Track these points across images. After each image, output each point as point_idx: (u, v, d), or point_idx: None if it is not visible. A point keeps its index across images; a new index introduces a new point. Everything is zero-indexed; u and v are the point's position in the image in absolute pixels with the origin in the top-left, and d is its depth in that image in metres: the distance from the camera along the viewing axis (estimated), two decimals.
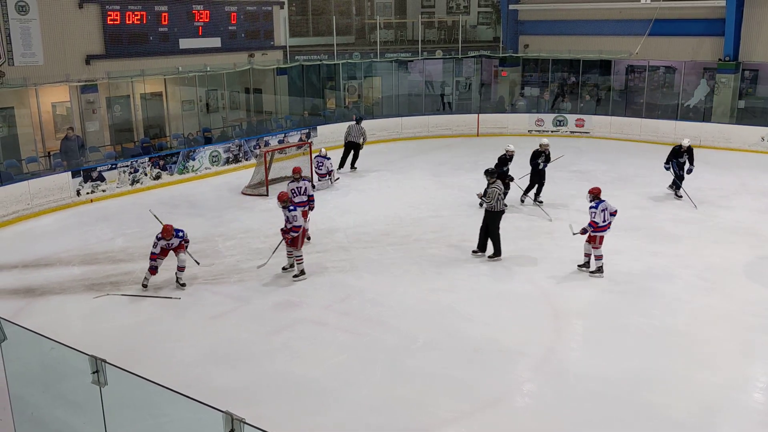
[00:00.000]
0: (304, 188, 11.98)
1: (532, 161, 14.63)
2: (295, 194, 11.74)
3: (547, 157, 14.62)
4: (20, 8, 15.52)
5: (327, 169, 16.57)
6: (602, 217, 10.59)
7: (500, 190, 11.37)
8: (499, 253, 11.43)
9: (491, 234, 11.44)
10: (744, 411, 7.25)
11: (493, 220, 11.40)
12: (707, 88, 21.62)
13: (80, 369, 5.24)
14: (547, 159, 14.63)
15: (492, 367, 8.08)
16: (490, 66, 25.51)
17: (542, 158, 14.53)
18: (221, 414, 4.15)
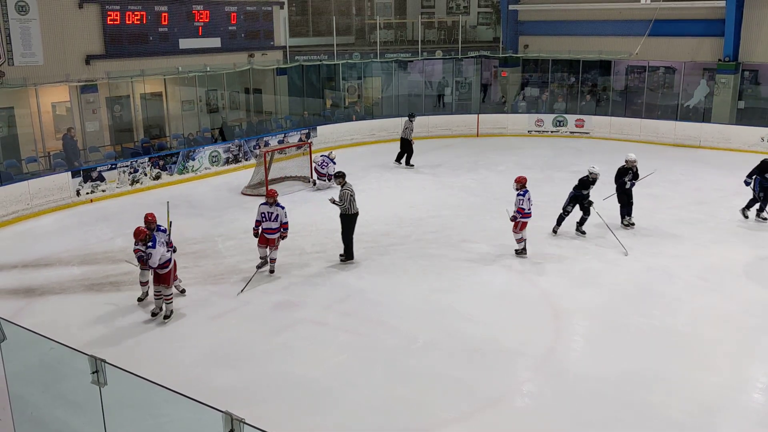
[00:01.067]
0: (275, 215, 10.57)
1: (617, 180, 13.07)
2: (264, 218, 10.59)
3: (635, 174, 13.01)
4: (20, 8, 15.52)
5: (330, 172, 16.46)
6: (528, 204, 11.42)
7: (351, 191, 11.13)
8: (351, 257, 11.31)
9: (344, 237, 11.27)
10: (743, 411, 7.25)
11: (347, 223, 11.22)
12: (707, 89, 21.63)
13: (80, 369, 5.23)
14: (635, 176, 13.01)
15: (492, 367, 8.08)
16: (490, 66, 25.52)
17: (629, 176, 12.94)
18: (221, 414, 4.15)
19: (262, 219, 10.65)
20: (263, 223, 10.64)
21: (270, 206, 10.60)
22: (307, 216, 14.15)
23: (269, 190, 10.94)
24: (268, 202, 10.59)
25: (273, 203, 10.59)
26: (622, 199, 13.03)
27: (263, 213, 10.64)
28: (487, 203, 14.88)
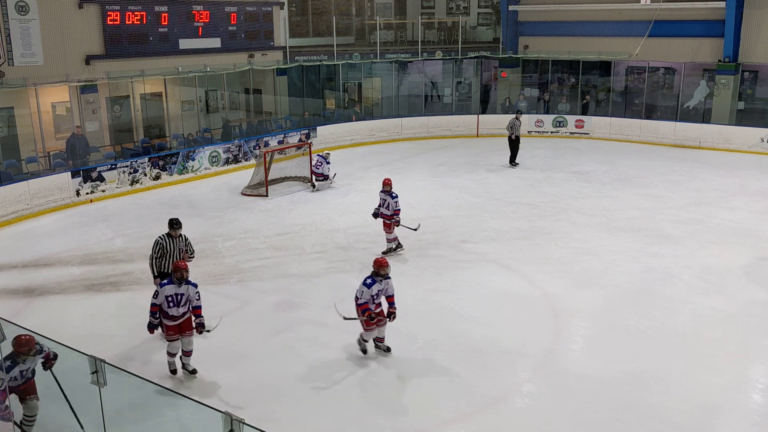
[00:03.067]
0: (185, 297, 7.74)
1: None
2: (171, 304, 7.70)
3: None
4: (20, 8, 15.52)
5: (324, 172, 16.48)
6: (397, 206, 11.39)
7: None
8: None
9: None
10: (743, 412, 7.25)
11: None
12: (707, 89, 21.63)
13: (80, 369, 5.23)
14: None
15: (492, 367, 8.07)
16: (490, 67, 25.52)
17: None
18: (221, 414, 4.15)
19: (166, 303, 7.66)
20: (169, 308, 7.68)
21: (178, 285, 7.66)
22: (307, 216, 14.16)
23: (177, 263, 7.77)
24: (176, 277, 7.62)
25: (182, 280, 7.64)
26: None
27: (169, 297, 7.66)
28: (487, 204, 14.88)
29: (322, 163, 16.51)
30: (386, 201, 11.48)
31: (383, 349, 8.37)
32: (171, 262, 8.42)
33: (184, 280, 7.65)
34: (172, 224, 8.73)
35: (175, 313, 7.71)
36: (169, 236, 8.69)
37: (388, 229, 11.63)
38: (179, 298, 7.67)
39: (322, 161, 16.53)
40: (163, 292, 7.65)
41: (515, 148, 18.33)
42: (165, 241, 8.67)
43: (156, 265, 8.69)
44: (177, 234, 8.73)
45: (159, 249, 8.64)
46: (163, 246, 8.64)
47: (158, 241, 8.69)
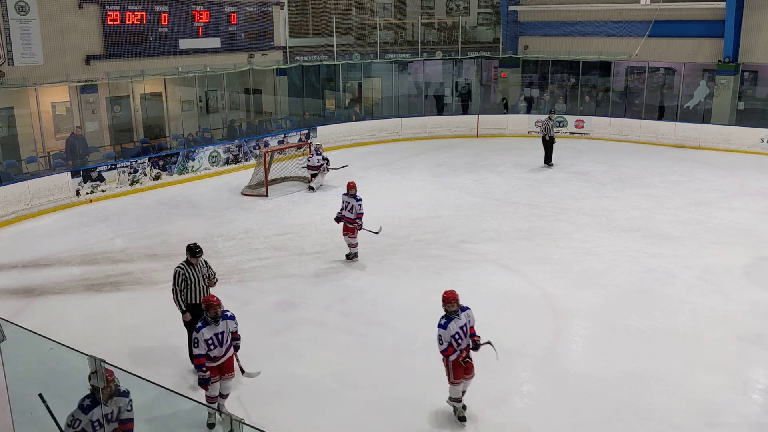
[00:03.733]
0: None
1: None
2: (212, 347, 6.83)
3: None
4: (20, 8, 15.52)
5: (315, 164, 16.18)
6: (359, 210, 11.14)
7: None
8: None
9: None
10: (743, 412, 7.25)
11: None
12: (707, 90, 21.63)
13: (79, 369, 5.22)
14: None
15: (492, 367, 8.06)
16: (490, 67, 25.52)
17: None
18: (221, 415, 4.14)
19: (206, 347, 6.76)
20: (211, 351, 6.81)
21: (215, 324, 6.83)
22: (307, 216, 14.15)
23: (207, 300, 6.89)
24: (211, 316, 6.81)
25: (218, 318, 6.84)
26: None
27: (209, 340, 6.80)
28: (487, 204, 14.88)
29: (313, 155, 16.38)
30: (350, 204, 11.09)
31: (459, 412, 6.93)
32: (197, 292, 7.76)
33: (219, 316, 6.84)
34: (193, 251, 7.77)
35: (218, 354, 6.84)
36: (189, 264, 7.77)
37: (352, 234, 11.23)
38: (220, 337, 6.85)
39: (313, 153, 16.41)
40: (201, 337, 6.71)
41: (549, 148, 18.19)
42: (186, 270, 7.75)
43: (181, 298, 7.80)
44: (198, 261, 7.82)
45: (182, 281, 7.73)
46: (186, 276, 7.74)
47: (179, 272, 7.74)
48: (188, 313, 7.78)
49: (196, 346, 6.73)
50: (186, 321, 7.86)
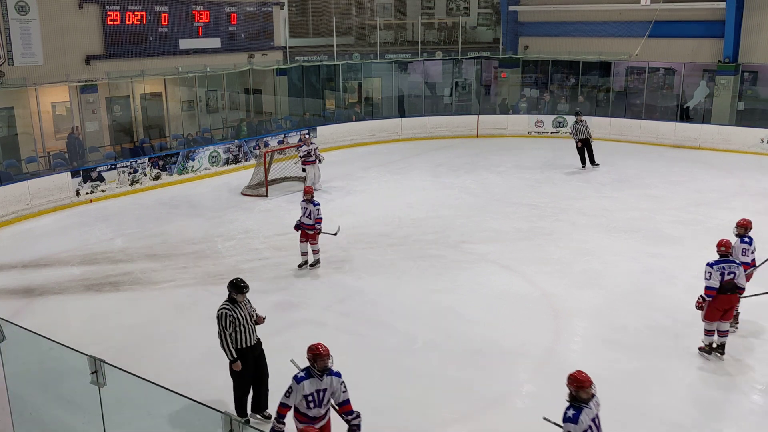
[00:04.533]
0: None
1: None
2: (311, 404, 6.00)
3: None
4: (20, 8, 15.52)
5: (302, 155, 15.96)
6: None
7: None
8: None
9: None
10: (743, 412, 7.25)
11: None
12: (707, 90, 21.63)
13: (79, 369, 5.23)
14: None
15: (492, 367, 8.07)
16: (490, 67, 25.52)
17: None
18: (220, 414, 4.15)
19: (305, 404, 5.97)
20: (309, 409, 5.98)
21: (320, 378, 6.04)
22: None
23: (318, 350, 6.18)
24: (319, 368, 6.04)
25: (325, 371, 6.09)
26: None
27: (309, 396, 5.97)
28: (487, 204, 14.88)
29: (301, 146, 16.23)
30: (307, 209, 10.85)
31: None
32: (247, 335, 6.94)
33: (327, 370, 6.01)
34: (239, 287, 6.89)
35: (316, 414, 6.02)
36: (234, 302, 6.89)
37: (313, 240, 10.98)
38: (321, 395, 5.98)
39: (302, 144, 16.24)
40: (301, 390, 5.85)
41: (582, 152, 18.02)
42: (233, 311, 6.85)
43: (231, 342, 6.87)
44: (244, 298, 6.98)
45: (230, 323, 6.83)
46: (234, 318, 6.83)
47: (225, 314, 6.81)
48: (239, 362, 6.90)
49: (287, 395, 5.87)
50: (236, 371, 6.93)
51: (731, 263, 8.05)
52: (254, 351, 7.01)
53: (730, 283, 7.95)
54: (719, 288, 7.93)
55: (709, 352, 8.20)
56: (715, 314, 8.01)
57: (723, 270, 7.96)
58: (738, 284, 8.02)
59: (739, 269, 8.04)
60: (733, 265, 8.04)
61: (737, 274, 7.99)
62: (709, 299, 7.99)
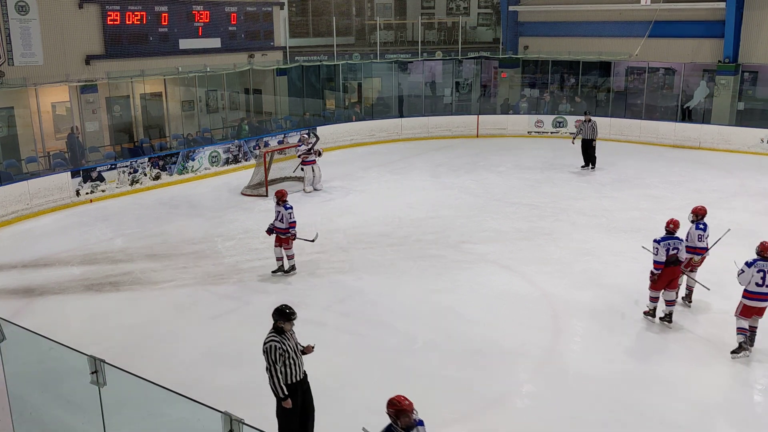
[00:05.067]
0: None
1: None
2: None
3: None
4: (20, 8, 15.52)
5: (300, 153, 15.89)
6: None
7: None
8: None
9: None
10: (743, 412, 7.25)
11: None
12: (707, 90, 21.63)
13: (79, 369, 5.23)
14: None
15: (492, 367, 8.07)
16: (490, 67, 25.52)
17: None
18: (220, 414, 4.15)
19: None
20: None
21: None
22: (307, 216, 14.14)
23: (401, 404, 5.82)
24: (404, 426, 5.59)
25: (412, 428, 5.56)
26: None
27: None
28: (487, 204, 14.88)
29: (300, 145, 16.18)
30: (280, 213, 10.72)
31: None
32: (296, 368, 6.31)
33: (414, 425, 5.43)
34: (287, 315, 6.30)
35: None
36: (281, 332, 6.27)
37: (287, 245, 10.80)
38: None
39: (300, 144, 16.21)
40: None
41: (584, 152, 18.02)
42: (282, 342, 6.20)
43: (282, 377, 6.22)
44: (291, 327, 6.36)
45: (280, 357, 6.17)
46: (285, 350, 6.19)
47: (274, 347, 6.17)
48: (290, 399, 6.29)
49: None
50: (285, 409, 6.29)
51: (675, 239, 8.99)
52: (302, 385, 6.42)
53: (674, 257, 8.92)
54: (665, 261, 8.85)
55: (653, 316, 9.21)
56: (660, 284, 8.99)
57: (668, 246, 8.90)
58: (679, 258, 8.98)
59: (681, 245, 9.03)
60: (677, 241, 9.00)
61: (680, 249, 9.00)
62: (657, 272, 8.90)
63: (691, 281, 9.70)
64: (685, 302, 9.71)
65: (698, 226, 9.65)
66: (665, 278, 8.96)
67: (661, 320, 9.15)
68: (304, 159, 15.94)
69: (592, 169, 18.01)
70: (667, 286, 9.01)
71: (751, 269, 8.08)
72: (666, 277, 8.97)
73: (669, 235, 9.00)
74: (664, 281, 8.98)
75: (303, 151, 15.91)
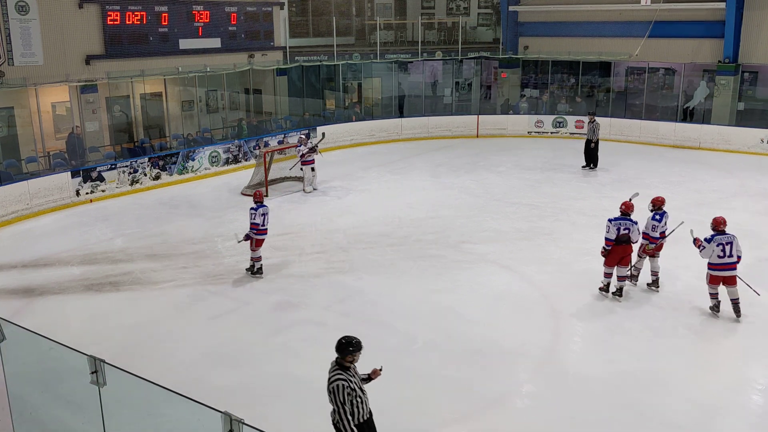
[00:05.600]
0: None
1: None
2: None
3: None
4: (20, 8, 15.52)
5: (304, 153, 15.85)
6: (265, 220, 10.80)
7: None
8: None
9: None
10: (743, 413, 7.25)
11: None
12: (707, 90, 21.63)
13: (79, 369, 5.23)
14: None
15: (491, 368, 8.07)
16: (490, 67, 25.52)
17: None
18: (220, 414, 4.15)
19: None
20: None
21: None
22: (307, 216, 14.16)
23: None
24: None
25: None
26: None
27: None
28: (487, 204, 14.88)
29: (299, 145, 16.18)
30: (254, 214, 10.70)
31: None
32: (363, 405, 5.85)
33: None
34: (355, 346, 5.70)
35: None
36: (345, 369, 5.69)
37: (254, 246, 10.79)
38: None
39: (299, 145, 16.19)
40: None
41: (585, 152, 18.06)
42: (349, 381, 5.67)
43: (353, 416, 5.72)
44: (355, 359, 5.77)
45: (348, 396, 5.64)
46: (352, 389, 5.67)
47: (341, 387, 5.58)
48: None
49: None
50: None
51: (627, 221, 9.67)
52: (369, 424, 5.95)
53: (625, 236, 9.62)
54: (615, 240, 9.60)
55: (607, 291, 9.93)
56: (612, 261, 9.75)
57: (619, 225, 9.64)
58: (631, 238, 9.65)
59: (633, 227, 9.65)
60: (629, 222, 9.64)
61: (631, 230, 9.63)
62: (608, 248, 9.68)
63: (655, 266, 10.20)
64: (651, 287, 10.19)
65: (654, 216, 10.21)
66: (615, 255, 9.66)
67: (613, 294, 9.84)
68: (304, 159, 15.96)
69: (592, 169, 18.01)
70: (618, 263, 9.71)
71: (711, 244, 9.05)
72: (616, 254, 9.66)
73: (622, 216, 9.71)
74: (615, 258, 9.68)
75: (304, 151, 15.92)
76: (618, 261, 9.72)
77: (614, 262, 9.74)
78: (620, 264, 9.75)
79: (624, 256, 9.72)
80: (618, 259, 9.71)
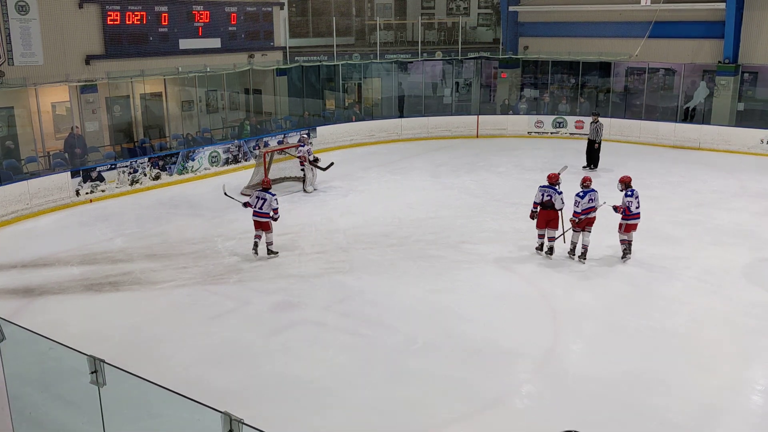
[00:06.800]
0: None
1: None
2: None
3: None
4: (20, 8, 15.51)
5: (301, 153, 15.85)
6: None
7: None
8: None
9: None
10: (743, 413, 7.25)
11: None
12: (707, 91, 21.63)
13: (79, 369, 5.22)
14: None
15: (491, 368, 8.07)
16: (490, 67, 25.52)
17: None
18: (220, 414, 4.14)
19: None
20: None
21: None
22: (307, 216, 14.15)
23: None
24: None
25: None
26: None
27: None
28: (487, 204, 14.88)
29: (302, 145, 16.13)
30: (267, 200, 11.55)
31: None
32: None
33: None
34: None
35: None
36: None
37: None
38: None
39: (301, 144, 16.15)
40: None
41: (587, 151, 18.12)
42: None
43: None
44: None
45: None
46: None
47: None
48: None
49: None
50: None
51: (552, 189, 11.27)
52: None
53: (549, 202, 11.23)
54: (541, 204, 11.30)
55: (541, 250, 11.52)
56: (540, 224, 11.41)
57: (543, 192, 11.32)
58: (555, 205, 11.23)
59: (556, 195, 11.19)
60: (552, 190, 11.23)
61: (553, 197, 11.19)
62: (535, 211, 11.40)
63: (586, 239, 11.26)
64: (580, 259, 11.28)
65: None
66: (542, 218, 11.31)
67: (546, 254, 11.39)
68: (303, 159, 15.95)
69: (593, 169, 18.01)
70: (547, 225, 11.32)
71: (630, 198, 11.06)
72: (543, 217, 11.31)
73: (549, 185, 11.31)
74: (542, 220, 11.31)
75: (304, 152, 15.91)
76: (545, 224, 11.28)
77: (542, 224, 11.32)
78: (549, 226, 11.30)
79: (550, 220, 11.26)
80: (545, 222, 11.28)
